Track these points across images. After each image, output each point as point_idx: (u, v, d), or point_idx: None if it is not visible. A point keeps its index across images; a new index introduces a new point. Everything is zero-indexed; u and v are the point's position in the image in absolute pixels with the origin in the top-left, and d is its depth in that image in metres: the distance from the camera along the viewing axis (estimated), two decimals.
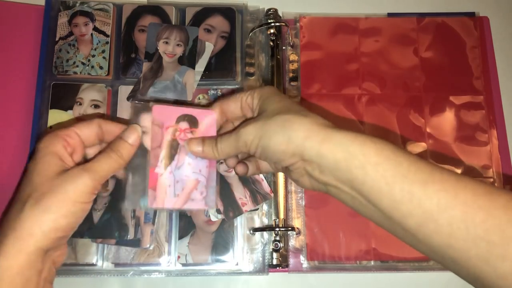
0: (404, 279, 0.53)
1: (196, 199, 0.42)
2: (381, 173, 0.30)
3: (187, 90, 0.54)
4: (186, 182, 0.42)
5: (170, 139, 0.42)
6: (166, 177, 0.41)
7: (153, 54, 0.55)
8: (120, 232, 0.48)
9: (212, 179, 0.43)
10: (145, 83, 0.54)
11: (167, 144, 0.42)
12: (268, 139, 0.35)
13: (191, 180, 0.42)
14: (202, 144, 0.40)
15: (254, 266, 0.51)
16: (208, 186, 0.42)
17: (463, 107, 0.57)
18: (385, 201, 0.31)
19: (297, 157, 0.34)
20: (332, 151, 0.32)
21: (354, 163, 0.31)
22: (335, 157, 0.32)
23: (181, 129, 0.42)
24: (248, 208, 0.51)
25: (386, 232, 0.51)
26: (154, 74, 0.54)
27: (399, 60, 0.58)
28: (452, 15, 0.61)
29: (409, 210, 0.30)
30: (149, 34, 0.56)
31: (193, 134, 0.42)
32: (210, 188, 0.43)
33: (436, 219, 0.29)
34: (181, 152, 0.42)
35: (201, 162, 0.42)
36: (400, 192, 0.30)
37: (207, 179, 0.42)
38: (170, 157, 0.42)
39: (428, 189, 0.29)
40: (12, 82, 0.55)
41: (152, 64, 0.55)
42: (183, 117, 0.42)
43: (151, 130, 0.41)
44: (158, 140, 0.41)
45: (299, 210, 0.53)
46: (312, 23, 0.60)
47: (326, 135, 0.33)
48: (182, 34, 0.56)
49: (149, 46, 0.56)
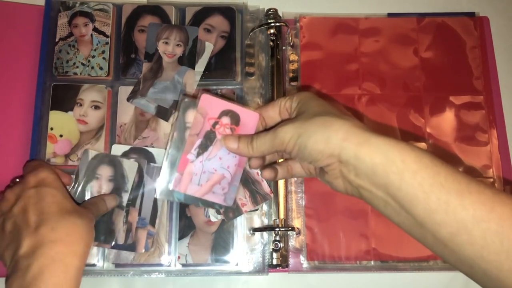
0: (404, 279, 0.53)
1: (217, 193, 0.44)
2: (419, 181, 0.31)
3: (187, 90, 0.54)
4: (212, 175, 0.43)
5: (209, 130, 0.43)
6: (195, 165, 0.43)
7: (153, 54, 0.55)
8: (106, 237, 0.49)
9: (237, 178, 0.44)
10: (145, 83, 0.54)
11: (204, 134, 0.43)
12: (307, 138, 0.35)
13: (217, 174, 0.44)
14: (238, 141, 0.41)
15: (254, 266, 0.51)
16: (231, 184, 0.44)
17: (463, 107, 0.57)
18: (420, 208, 0.31)
19: (334, 158, 0.34)
20: (370, 155, 0.33)
21: (392, 169, 0.32)
22: (373, 161, 0.32)
23: (222, 123, 0.43)
24: (247, 208, 0.51)
25: (386, 232, 0.52)
26: (154, 74, 0.55)
27: (399, 60, 0.58)
28: (452, 15, 0.61)
29: (444, 219, 0.30)
30: (149, 34, 0.56)
31: (233, 130, 0.43)
32: (233, 186, 0.44)
33: (470, 230, 0.29)
34: (215, 145, 0.43)
35: (232, 159, 0.43)
36: (436, 201, 0.30)
37: (233, 177, 0.44)
38: (204, 147, 0.43)
39: (464, 200, 0.30)
40: (12, 83, 0.55)
41: (152, 65, 0.55)
42: (227, 112, 0.43)
43: (194, 117, 0.43)
44: (198, 128, 0.43)
45: (299, 210, 0.53)
46: (312, 23, 0.60)
47: (365, 139, 0.33)
48: (182, 34, 0.56)
49: (149, 46, 0.56)
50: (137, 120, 0.54)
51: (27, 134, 0.53)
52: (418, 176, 0.31)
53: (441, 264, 0.52)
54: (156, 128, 0.54)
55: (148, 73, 0.55)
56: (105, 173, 0.50)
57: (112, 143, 0.53)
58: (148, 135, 0.54)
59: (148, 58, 0.55)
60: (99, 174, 0.50)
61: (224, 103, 0.43)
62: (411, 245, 0.52)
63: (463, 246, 0.30)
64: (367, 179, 0.33)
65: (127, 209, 0.49)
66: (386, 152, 0.32)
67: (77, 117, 0.53)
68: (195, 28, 0.57)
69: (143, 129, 0.54)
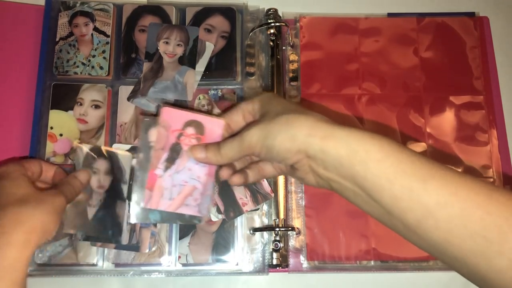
0: (404, 279, 0.53)
1: (190, 205, 0.43)
2: (383, 170, 0.31)
3: (188, 90, 0.54)
4: (183, 188, 0.42)
5: (175, 142, 0.42)
6: (164, 180, 0.42)
7: (153, 54, 0.55)
8: (114, 232, 0.48)
9: (208, 188, 0.43)
10: (146, 83, 0.54)
11: (170, 147, 0.42)
12: (272, 139, 0.36)
13: (188, 186, 0.43)
14: (205, 150, 0.41)
15: (254, 266, 0.51)
16: (203, 194, 0.43)
17: (463, 107, 0.57)
18: (386, 197, 0.31)
19: (302, 154, 0.35)
20: (335, 147, 0.33)
21: (357, 159, 0.32)
22: (338, 153, 0.33)
23: (186, 134, 0.42)
24: (248, 208, 0.51)
25: (386, 232, 0.52)
26: (155, 74, 0.55)
27: (399, 60, 0.58)
28: (452, 15, 0.61)
29: (409, 206, 0.30)
30: (150, 34, 0.56)
31: (198, 140, 0.42)
32: (205, 196, 0.43)
33: (435, 215, 0.29)
34: (183, 157, 0.42)
35: (201, 169, 0.43)
36: (400, 188, 0.30)
37: (204, 187, 0.43)
38: (171, 160, 0.42)
39: (428, 186, 0.30)
40: (12, 82, 0.55)
41: (152, 64, 0.55)
42: (190, 122, 0.43)
43: (156, 132, 0.42)
44: (162, 142, 0.42)
45: (299, 210, 0.53)
46: (312, 23, 0.60)
47: (329, 132, 0.34)
48: (183, 34, 0.56)
49: (150, 46, 0.56)
50: (137, 119, 0.54)
51: (27, 133, 0.53)
52: (381, 165, 0.31)
53: (441, 264, 0.52)
54: None
55: (149, 72, 0.55)
56: (102, 167, 0.50)
57: (112, 142, 0.53)
58: None
59: (149, 58, 0.55)
60: (96, 168, 0.49)
61: (187, 114, 0.43)
62: (411, 245, 0.51)
63: (430, 231, 0.30)
64: (335, 171, 0.34)
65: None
66: (350, 144, 0.33)
67: (77, 116, 0.53)
68: (196, 28, 0.57)
69: None
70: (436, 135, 0.56)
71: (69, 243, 0.50)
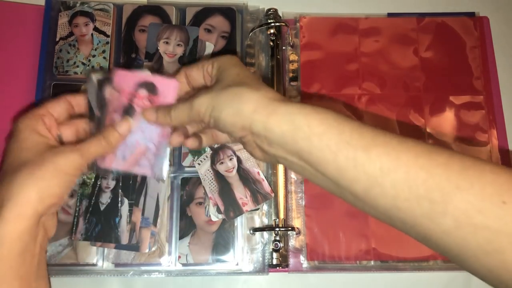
0: (404, 279, 0.53)
1: (143, 165, 0.43)
2: (326, 143, 0.31)
3: None
4: (136, 148, 0.42)
5: (127, 104, 0.42)
6: None
7: (153, 54, 0.55)
8: (109, 237, 0.49)
9: (162, 149, 0.43)
10: None
11: (123, 109, 0.42)
12: (219, 111, 0.35)
13: (141, 147, 0.43)
14: (156, 112, 0.41)
15: (254, 266, 0.51)
16: (157, 155, 0.43)
17: (463, 107, 0.57)
18: (331, 169, 0.31)
19: (247, 130, 0.35)
20: (278, 124, 0.33)
21: (300, 135, 0.32)
22: (281, 130, 0.33)
23: (139, 96, 0.42)
24: (248, 208, 0.51)
25: (386, 232, 0.52)
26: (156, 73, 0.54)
27: (399, 60, 0.58)
28: (452, 15, 0.61)
29: (355, 176, 0.30)
30: (150, 34, 0.56)
31: (152, 101, 0.42)
32: (159, 157, 0.43)
33: (380, 182, 0.30)
34: (136, 119, 0.42)
35: (154, 131, 0.42)
36: (344, 159, 0.31)
37: (157, 148, 0.43)
38: None
39: (371, 154, 0.30)
40: (12, 82, 0.55)
41: (152, 64, 0.55)
42: (143, 83, 0.42)
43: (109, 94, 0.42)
44: (115, 104, 0.42)
45: (299, 210, 0.53)
46: (312, 23, 0.60)
47: (273, 109, 0.33)
48: (183, 34, 0.56)
49: (150, 46, 0.56)
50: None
51: None
52: (324, 138, 0.31)
53: (441, 264, 0.52)
54: None
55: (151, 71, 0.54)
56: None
57: None
58: None
59: (149, 58, 0.55)
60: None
61: (139, 75, 0.42)
62: (411, 245, 0.52)
63: (377, 199, 0.30)
64: (280, 147, 0.34)
65: (131, 209, 0.49)
66: (293, 120, 0.32)
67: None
68: (196, 28, 0.57)
69: None
70: (436, 135, 0.56)
71: (69, 243, 0.50)
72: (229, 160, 0.52)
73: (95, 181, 0.50)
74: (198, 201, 0.52)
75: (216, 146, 0.52)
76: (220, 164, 0.52)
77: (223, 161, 0.52)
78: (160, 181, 0.47)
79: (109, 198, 0.50)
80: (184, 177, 0.53)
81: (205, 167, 0.52)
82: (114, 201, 0.49)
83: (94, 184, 0.50)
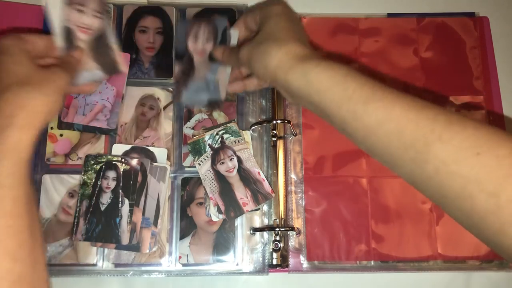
0: (404, 279, 0.53)
1: (101, 120, 0.52)
2: (331, 97, 0.36)
3: (220, 88, 0.53)
4: (95, 106, 0.52)
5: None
6: (78, 100, 0.53)
7: (183, 54, 0.53)
8: (110, 238, 0.49)
9: (116, 106, 0.53)
10: (179, 86, 0.53)
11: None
12: (253, 63, 0.42)
13: (98, 105, 0.52)
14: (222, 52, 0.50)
15: (254, 266, 0.51)
16: (112, 111, 0.53)
17: (463, 107, 0.57)
18: (336, 120, 0.36)
19: (273, 82, 0.40)
20: (295, 80, 0.38)
21: (312, 90, 0.37)
22: (297, 85, 0.38)
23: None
24: (249, 208, 0.51)
25: (386, 232, 0.52)
26: (187, 76, 0.53)
27: (399, 60, 0.59)
28: (452, 15, 0.61)
29: (355, 127, 0.35)
30: (179, 34, 0.55)
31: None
32: (114, 113, 0.53)
33: (376, 132, 0.34)
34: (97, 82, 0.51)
35: (110, 92, 0.53)
36: (346, 112, 0.35)
37: (113, 106, 0.53)
38: None
39: (368, 107, 0.34)
40: None
41: (184, 65, 0.53)
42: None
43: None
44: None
45: (299, 210, 0.53)
46: (312, 23, 0.60)
47: (293, 65, 0.38)
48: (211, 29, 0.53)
49: (180, 46, 0.54)
50: (137, 119, 0.54)
51: None
52: (329, 93, 0.36)
53: (441, 264, 0.52)
54: (156, 127, 0.54)
55: (181, 75, 0.53)
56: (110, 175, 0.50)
57: (112, 142, 0.53)
58: (148, 134, 0.54)
59: (179, 59, 0.53)
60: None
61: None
62: (411, 245, 0.52)
63: (374, 146, 0.35)
64: (298, 98, 0.39)
65: (131, 209, 0.49)
66: (307, 76, 0.37)
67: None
68: (224, 19, 0.53)
69: (143, 128, 0.54)
70: None
71: (69, 243, 0.50)
72: (229, 160, 0.52)
73: (95, 181, 0.50)
74: (198, 201, 0.52)
75: (217, 147, 0.53)
76: (220, 164, 0.52)
77: (223, 161, 0.52)
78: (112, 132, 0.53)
79: (110, 198, 0.50)
80: (185, 177, 0.53)
81: (205, 167, 0.52)
82: (115, 202, 0.50)
83: (94, 185, 0.50)
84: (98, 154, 0.52)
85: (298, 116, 0.56)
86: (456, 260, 0.52)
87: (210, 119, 0.55)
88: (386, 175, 0.54)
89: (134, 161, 0.51)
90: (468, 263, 0.52)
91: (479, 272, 0.53)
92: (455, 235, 0.52)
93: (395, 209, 0.53)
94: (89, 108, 0.52)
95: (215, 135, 0.53)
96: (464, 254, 0.52)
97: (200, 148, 0.53)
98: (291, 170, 0.55)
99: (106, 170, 0.51)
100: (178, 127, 0.55)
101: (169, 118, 0.54)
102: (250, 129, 0.54)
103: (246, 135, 0.54)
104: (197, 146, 0.53)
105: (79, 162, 0.52)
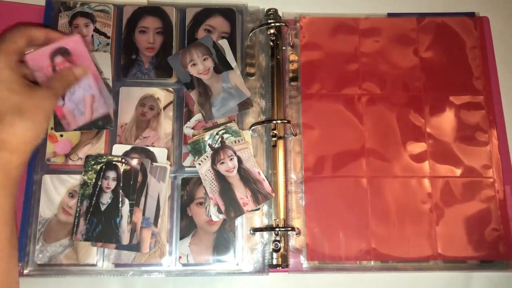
0: (404, 279, 0.53)
1: (99, 108, 0.52)
2: None
3: (241, 88, 0.54)
4: (84, 100, 0.51)
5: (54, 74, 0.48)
6: (67, 105, 0.51)
7: (191, 81, 0.55)
8: (110, 238, 0.49)
9: (102, 88, 0.52)
10: (204, 108, 0.54)
11: None
12: None
13: (87, 97, 0.51)
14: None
15: (254, 266, 0.51)
16: (102, 95, 0.52)
17: (463, 107, 0.57)
18: None
19: None
20: None
21: None
22: None
23: (59, 64, 0.48)
24: (249, 208, 0.51)
25: (386, 232, 0.52)
26: (206, 96, 0.54)
27: (399, 60, 0.59)
28: (452, 15, 0.61)
29: None
30: (174, 67, 0.55)
31: (71, 61, 0.49)
32: (104, 94, 0.52)
33: None
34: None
35: (88, 81, 0.50)
36: None
37: (99, 90, 0.51)
38: None
39: None
40: None
41: (198, 90, 0.55)
42: (53, 52, 0.48)
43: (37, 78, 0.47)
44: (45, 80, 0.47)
45: (299, 210, 0.53)
46: (312, 23, 0.60)
47: None
48: (201, 48, 0.56)
49: (182, 77, 0.55)
50: (138, 120, 0.54)
51: None
52: None
53: (441, 264, 0.52)
54: (156, 128, 0.54)
55: (200, 98, 0.54)
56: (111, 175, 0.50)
57: (112, 143, 0.53)
58: (149, 134, 0.54)
59: (189, 87, 0.55)
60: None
61: (46, 48, 0.47)
62: (411, 245, 0.52)
63: None
64: None
65: (131, 209, 0.49)
66: None
67: None
68: (208, 36, 0.56)
69: (144, 128, 0.54)
70: (436, 135, 0.56)
71: (69, 243, 0.50)
72: (229, 160, 0.52)
73: (96, 181, 0.50)
74: (198, 201, 0.52)
75: (217, 146, 0.53)
76: (220, 164, 0.52)
77: (223, 161, 0.52)
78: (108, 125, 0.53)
79: (110, 198, 0.50)
80: (185, 177, 0.53)
81: (205, 167, 0.52)
82: (115, 202, 0.50)
83: (94, 185, 0.50)
84: (99, 155, 0.52)
85: (298, 116, 0.56)
86: (456, 260, 0.52)
87: None
88: (386, 175, 0.54)
89: (134, 161, 0.51)
90: (468, 263, 0.52)
91: (479, 272, 0.53)
92: (455, 235, 0.52)
93: (395, 209, 0.53)
94: (82, 105, 0.51)
95: (215, 135, 0.53)
96: (464, 254, 0.52)
97: (200, 148, 0.53)
98: (291, 170, 0.55)
99: (106, 170, 0.51)
100: (178, 127, 0.55)
101: (169, 118, 0.55)
102: (250, 129, 0.55)
103: (246, 135, 0.54)
104: (197, 146, 0.53)
105: (80, 162, 0.52)
